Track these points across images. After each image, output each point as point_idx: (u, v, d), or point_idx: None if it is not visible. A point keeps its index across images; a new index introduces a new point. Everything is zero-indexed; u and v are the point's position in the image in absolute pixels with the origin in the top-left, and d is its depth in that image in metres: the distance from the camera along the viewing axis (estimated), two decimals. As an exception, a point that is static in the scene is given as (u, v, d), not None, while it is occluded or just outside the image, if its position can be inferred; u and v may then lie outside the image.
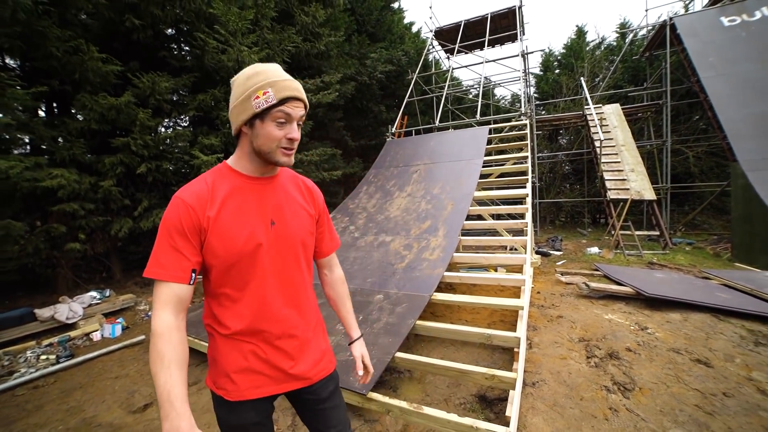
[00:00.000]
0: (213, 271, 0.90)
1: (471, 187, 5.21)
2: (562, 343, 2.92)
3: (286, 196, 1.01)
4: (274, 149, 0.90)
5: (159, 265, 0.83)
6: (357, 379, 2.09)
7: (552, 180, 12.69)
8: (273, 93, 0.85)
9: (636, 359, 2.60)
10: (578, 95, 11.46)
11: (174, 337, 0.81)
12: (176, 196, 0.87)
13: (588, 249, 7.03)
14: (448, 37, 12.05)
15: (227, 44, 4.85)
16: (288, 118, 0.89)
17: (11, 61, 4.43)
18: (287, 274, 0.98)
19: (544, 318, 3.52)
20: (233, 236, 0.88)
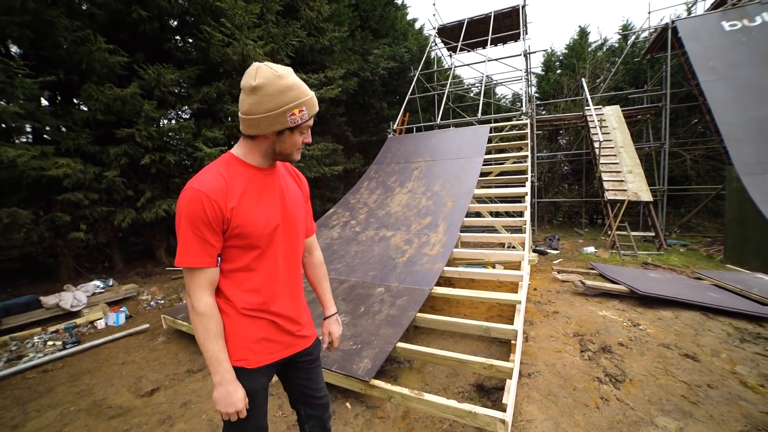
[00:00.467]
0: (234, 251, 1.01)
1: (471, 185, 5.29)
2: (558, 337, 3.02)
3: (286, 183, 1.14)
4: (292, 151, 1.04)
5: (189, 254, 0.93)
6: (359, 368, 2.20)
7: (551, 180, 12.80)
8: (307, 111, 0.98)
9: (627, 353, 2.70)
10: (579, 96, 11.53)
11: (215, 315, 0.98)
12: (196, 189, 0.92)
13: (584, 248, 7.14)
14: (450, 35, 12.05)
15: (233, 37, 4.87)
16: (308, 128, 1.04)
17: (17, 50, 4.44)
18: (293, 250, 1.13)
19: (541, 313, 3.61)
20: (256, 221, 1.00)
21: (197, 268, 0.94)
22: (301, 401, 1.26)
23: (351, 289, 3.51)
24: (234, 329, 1.02)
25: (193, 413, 2.24)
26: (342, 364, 2.28)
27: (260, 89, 0.92)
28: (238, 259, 1.01)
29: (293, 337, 1.14)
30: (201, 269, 0.95)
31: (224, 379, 0.96)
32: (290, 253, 1.12)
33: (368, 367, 2.22)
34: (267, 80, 0.92)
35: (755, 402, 2.08)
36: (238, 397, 0.97)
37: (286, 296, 1.11)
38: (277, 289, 1.08)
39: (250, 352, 1.04)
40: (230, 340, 1.02)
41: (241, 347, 1.03)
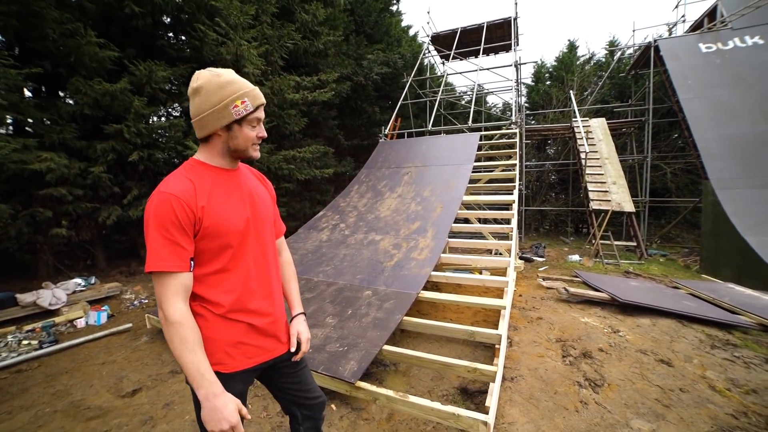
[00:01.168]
0: (206, 254, 0.99)
1: (460, 191, 5.38)
2: (541, 342, 3.09)
3: (251, 184, 1.16)
4: (249, 147, 1.05)
5: (160, 258, 0.90)
6: (345, 370, 2.21)
7: (538, 188, 13.07)
8: (249, 102, 1.00)
9: (607, 359, 2.79)
10: (567, 107, 11.84)
11: (191, 322, 0.93)
12: (164, 192, 0.92)
13: (569, 256, 7.31)
14: (444, 42, 12.26)
15: (227, 37, 4.87)
16: (259, 121, 1.05)
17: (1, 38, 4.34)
18: (264, 249, 1.13)
19: (525, 319, 3.69)
20: (227, 219, 1.01)
21: (169, 273, 0.90)
22: (296, 404, 1.25)
23: (339, 291, 3.52)
24: (210, 332, 1.01)
25: (176, 414, 2.21)
26: (328, 366, 2.29)
27: (201, 89, 0.97)
28: (211, 261, 1.00)
29: (272, 340, 1.13)
30: (173, 274, 0.91)
31: (210, 393, 0.89)
32: (262, 251, 1.12)
33: (354, 369, 2.23)
34: (206, 80, 0.98)
35: (722, 405, 2.18)
36: (229, 410, 0.90)
37: (261, 295, 1.10)
38: (252, 287, 1.07)
39: (226, 356, 1.02)
40: (206, 343, 0.99)
41: (217, 351, 1.01)
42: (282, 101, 6.40)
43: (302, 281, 3.83)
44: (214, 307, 1.01)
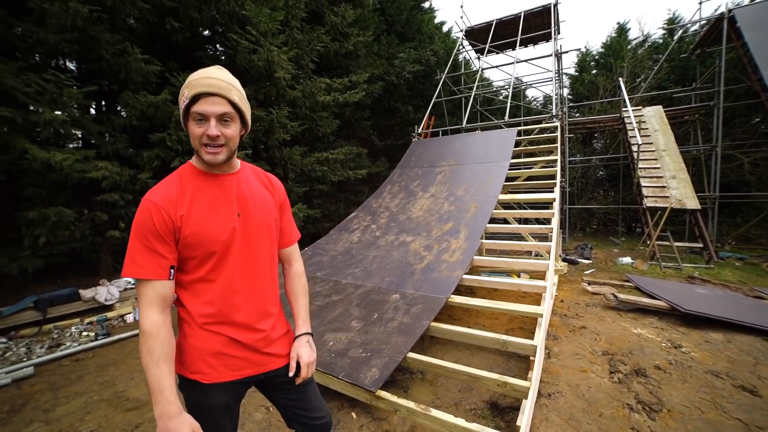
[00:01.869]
0: (191, 262, 0.96)
1: (496, 190, 5.10)
2: (584, 355, 2.79)
3: (249, 188, 1.07)
4: (198, 147, 0.94)
5: (136, 264, 0.87)
6: (365, 377, 2.13)
7: (584, 185, 12.13)
8: (187, 93, 0.90)
9: (666, 379, 2.44)
10: (616, 97, 10.86)
11: (161, 334, 0.87)
12: (146, 198, 0.91)
13: (620, 259, 6.66)
14: (479, 36, 11.81)
15: (258, 44, 5.03)
16: (202, 116, 0.90)
17: (69, 63, 4.84)
18: (255, 259, 1.04)
19: (566, 328, 3.37)
20: (207, 228, 0.95)
21: (146, 281, 0.88)
22: (297, 422, 1.18)
23: (366, 294, 3.45)
24: (192, 339, 0.97)
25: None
26: (349, 372, 2.22)
27: None
28: (195, 270, 0.96)
29: (260, 355, 1.05)
30: (149, 282, 0.88)
31: (165, 413, 0.83)
32: (253, 263, 1.04)
33: (375, 377, 2.14)
34: None
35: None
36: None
37: (248, 310, 1.02)
38: (235, 301, 1.00)
39: (206, 366, 0.97)
40: (187, 350, 0.97)
41: (197, 359, 0.97)
42: (314, 104, 6.50)
43: (330, 283, 3.83)
44: (196, 316, 0.97)
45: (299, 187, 6.61)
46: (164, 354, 0.86)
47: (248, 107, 1.04)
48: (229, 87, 0.93)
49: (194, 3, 4.53)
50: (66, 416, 2.26)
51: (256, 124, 5.71)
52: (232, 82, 0.95)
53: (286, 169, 6.54)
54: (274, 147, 6.16)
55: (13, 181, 4.34)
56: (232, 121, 0.95)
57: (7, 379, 2.72)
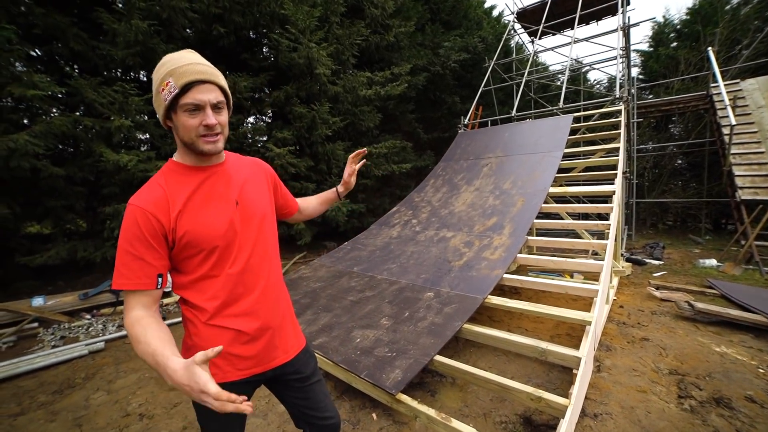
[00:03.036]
0: (192, 261, 0.93)
1: (546, 183, 4.67)
2: (644, 372, 2.41)
3: (241, 174, 1.03)
4: (195, 139, 0.88)
5: (123, 275, 0.84)
6: (387, 378, 2.05)
7: (657, 176, 10.69)
8: (174, 82, 0.83)
9: (762, 414, 1.99)
10: (704, 71, 9.31)
11: (144, 321, 0.82)
12: (131, 203, 0.86)
13: (701, 260, 5.74)
14: (532, 18, 10.88)
15: (297, 42, 5.14)
16: (197, 106, 0.85)
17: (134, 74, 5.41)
18: (257, 249, 1.01)
19: (624, 338, 2.96)
20: (208, 223, 0.92)
21: (130, 291, 0.85)
22: (305, 421, 1.16)
23: (399, 291, 3.37)
24: (198, 340, 0.96)
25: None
26: (372, 372, 2.16)
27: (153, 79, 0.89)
28: (197, 268, 0.93)
29: (267, 350, 1.03)
30: (133, 292, 0.85)
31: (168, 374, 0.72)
32: (255, 250, 1.01)
33: (398, 379, 2.05)
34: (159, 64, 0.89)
35: None
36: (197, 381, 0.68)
37: (253, 297, 1.00)
38: (241, 291, 0.98)
39: (211, 366, 0.95)
40: (192, 351, 0.96)
41: None
42: (355, 98, 6.52)
43: (366, 278, 3.81)
44: (200, 313, 0.95)
45: (343, 181, 6.68)
46: (152, 334, 0.79)
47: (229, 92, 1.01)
48: (216, 72, 0.91)
49: (237, 8, 4.76)
50: (123, 389, 2.53)
51: (299, 120, 5.88)
52: (215, 69, 0.92)
53: (330, 164, 6.67)
54: (317, 143, 6.30)
55: (97, 181, 4.98)
56: (223, 107, 0.92)
57: (85, 350, 3.15)
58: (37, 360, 2.90)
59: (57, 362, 2.93)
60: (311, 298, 3.49)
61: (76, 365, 2.91)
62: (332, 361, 2.34)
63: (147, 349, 0.77)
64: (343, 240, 7.63)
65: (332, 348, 2.49)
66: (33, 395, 2.46)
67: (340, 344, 2.53)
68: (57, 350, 3.11)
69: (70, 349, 3.13)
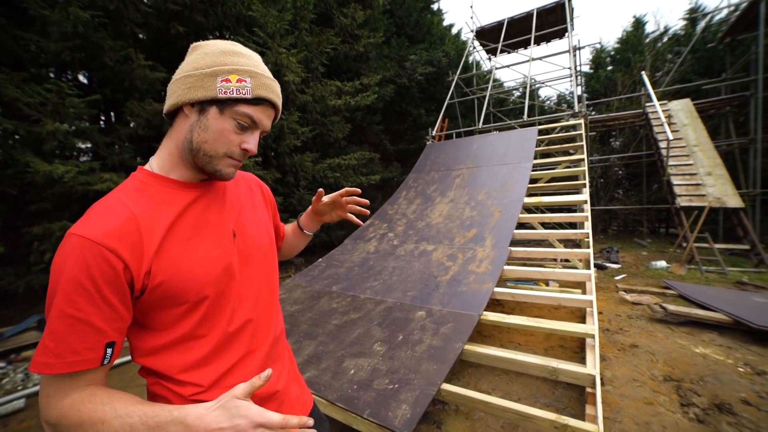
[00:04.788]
0: (169, 316, 0.64)
1: (520, 193, 4.77)
2: (644, 381, 2.41)
3: (239, 198, 0.81)
4: (220, 156, 0.67)
5: (50, 352, 0.53)
6: (395, 416, 1.82)
7: (604, 185, 11.65)
8: (252, 85, 0.65)
9: (763, 418, 2.00)
10: (635, 92, 10.39)
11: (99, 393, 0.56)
12: (76, 234, 0.56)
13: (653, 263, 6.21)
14: (490, 36, 11.52)
15: (265, 47, 4.84)
16: (254, 124, 0.68)
17: (74, 74, 4.72)
18: (259, 291, 0.78)
19: (614, 346, 3.00)
20: (192, 267, 0.64)
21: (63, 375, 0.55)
22: None
23: (388, 311, 3.14)
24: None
25: None
26: (375, 410, 1.91)
27: (200, 48, 0.69)
28: (175, 325, 0.64)
29: None
30: (70, 375, 0.55)
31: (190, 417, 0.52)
32: (256, 297, 0.76)
33: (407, 416, 1.83)
34: (214, 43, 0.69)
35: None
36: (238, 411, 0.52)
37: (256, 363, 0.74)
38: (237, 354, 0.71)
39: None
40: None
41: None
42: (324, 108, 6.29)
43: (348, 298, 3.53)
44: (181, 387, 0.65)
45: (311, 194, 6.37)
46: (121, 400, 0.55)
47: None
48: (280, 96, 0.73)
49: (200, 6, 4.35)
50: None
51: (266, 130, 5.49)
52: None
53: (298, 177, 6.33)
54: (284, 154, 5.95)
55: (21, 196, 4.20)
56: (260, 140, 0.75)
57: (22, 402, 2.47)
58: None
59: None
60: (290, 324, 3.13)
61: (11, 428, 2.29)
62: (327, 400, 2.05)
63: (129, 421, 0.52)
64: (311, 256, 7.24)
65: (324, 383, 2.20)
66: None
67: (332, 378, 2.25)
68: None
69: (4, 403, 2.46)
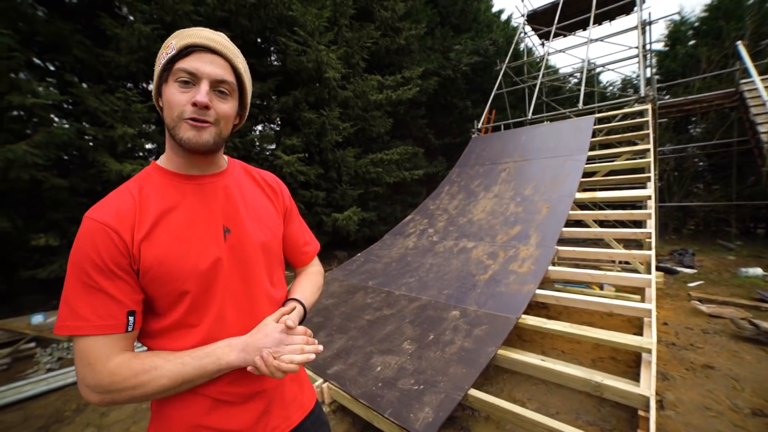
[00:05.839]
0: (158, 300, 0.66)
1: (571, 188, 4.36)
2: (721, 411, 2.04)
3: (241, 193, 0.79)
4: (177, 122, 0.64)
5: (76, 316, 0.59)
6: (416, 419, 1.76)
7: (678, 179, 10.24)
8: (176, 42, 0.65)
9: None
10: (728, 68, 8.89)
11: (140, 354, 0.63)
12: (88, 217, 0.62)
13: (742, 269, 5.31)
14: (543, 20, 10.63)
15: (306, 45, 4.96)
16: (192, 76, 0.64)
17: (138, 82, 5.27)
18: (250, 291, 0.75)
19: (680, 363, 2.61)
20: (179, 256, 0.66)
21: (87, 336, 0.59)
22: None
23: (421, 309, 3.07)
24: (164, 407, 0.69)
25: None
26: (397, 410, 1.86)
27: None
28: (168, 311, 0.67)
29: (256, 423, 0.74)
30: (96, 338, 0.59)
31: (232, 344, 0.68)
32: (248, 296, 0.75)
33: (429, 420, 1.75)
34: None
35: None
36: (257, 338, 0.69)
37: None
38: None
39: None
40: (157, 421, 0.70)
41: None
42: (366, 103, 6.32)
43: (383, 294, 3.52)
44: None
45: (354, 189, 6.46)
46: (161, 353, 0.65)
47: (251, 86, 0.76)
48: (235, 51, 0.70)
49: (244, 11, 4.60)
50: (116, 423, 2.27)
51: (308, 126, 5.67)
52: (237, 50, 0.72)
53: (340, 172, 6.45)
54: (327, 150, 6.09)
55: (105, 192, 4.81)
56: (231, 95, 0.69)
57: None
58: (26, 388, 2.65)
59: (48, 390, 2.69)
60: (324, 317, 3.21)
61: (68, 394, 2.66)
62: (350, 395, 2.05)
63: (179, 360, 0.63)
64: (354, 250, 7.35)
65: (350, 378, 2.20)
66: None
67: (358, 373, 2.24)
68: (50, 375, 2.86)
69: (63, 374, 2.88)
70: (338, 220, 5.77)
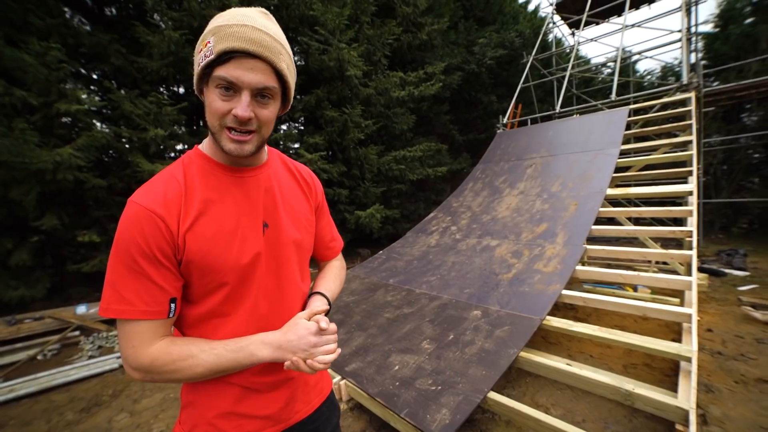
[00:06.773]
0: (195, 291, 0.68)
1: (602, 184, 4.13)
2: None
3: (280, 187, 0.79)
4: (218, 129, 0.63)
5: (122, 299, 0.60)
6: (432, 420, 1.72)
7: (727, 173, 9.45)
8: (214, 42, 0.59)
9: None
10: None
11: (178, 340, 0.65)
12: (133, 201, 0.62)
13: (800, 272, 4.82)
14: (573, 8, 10.10)
15: (327, 44, 5.00)
16: (233, 85, 0.60)
17: (169, 85, 5.52)
18: (283, 285, 0.77)
19: (727, 375, 2.39)
20: (222, 250, 0.67)
21: (132, 321, 0.61)
22: None
23: (442, 308, 3.02)
24: (195, 395, 0.72)
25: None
26: (414, 410, 1.84)
27: None
28: (201, 300, 0.69)
29: (286, 405, 0.78)
30: (139, 323, 0.62)
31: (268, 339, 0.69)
32: (280, 289, 0.76)
33: (445, 422, 1.72)
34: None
35: None
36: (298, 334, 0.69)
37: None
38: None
39: (213, 429, 0.71)
40: (188, 408, 0.73)
41: (201, 422, 0.71)
42: (388, 100, 6.29)
43: (403, 292, 3.50)
44: None
45: (376, 187, 6.47)
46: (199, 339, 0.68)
47: (295, 80, 0.72)
48: (278, 47, 0.62)
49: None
50: (146, 410, 2.40)
51: (331, 124, 5.72)
52: (281, 40, 0.64)
53: (363, 170, 6.47)
54: (349, 147, 6.13)
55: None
56: (273, 98, 0.65)
57: (116, 363, 3.10)
58: (71, 372, 2.87)
59: (90, 375, 2.90)
60: (344, 314, 3.23)
61: (107, 380, 2.85)
62: (367, 393, 2.05)
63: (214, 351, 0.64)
64: (377, 247, 7.36)
65: (367, 376, 2.20)
66: (62, 412, 2.40)
67: (376, 372, 2.24)
68: (91, 362, 3.08)
69: (102, 361, 3.09)
70: (361, 218, 5.80)
